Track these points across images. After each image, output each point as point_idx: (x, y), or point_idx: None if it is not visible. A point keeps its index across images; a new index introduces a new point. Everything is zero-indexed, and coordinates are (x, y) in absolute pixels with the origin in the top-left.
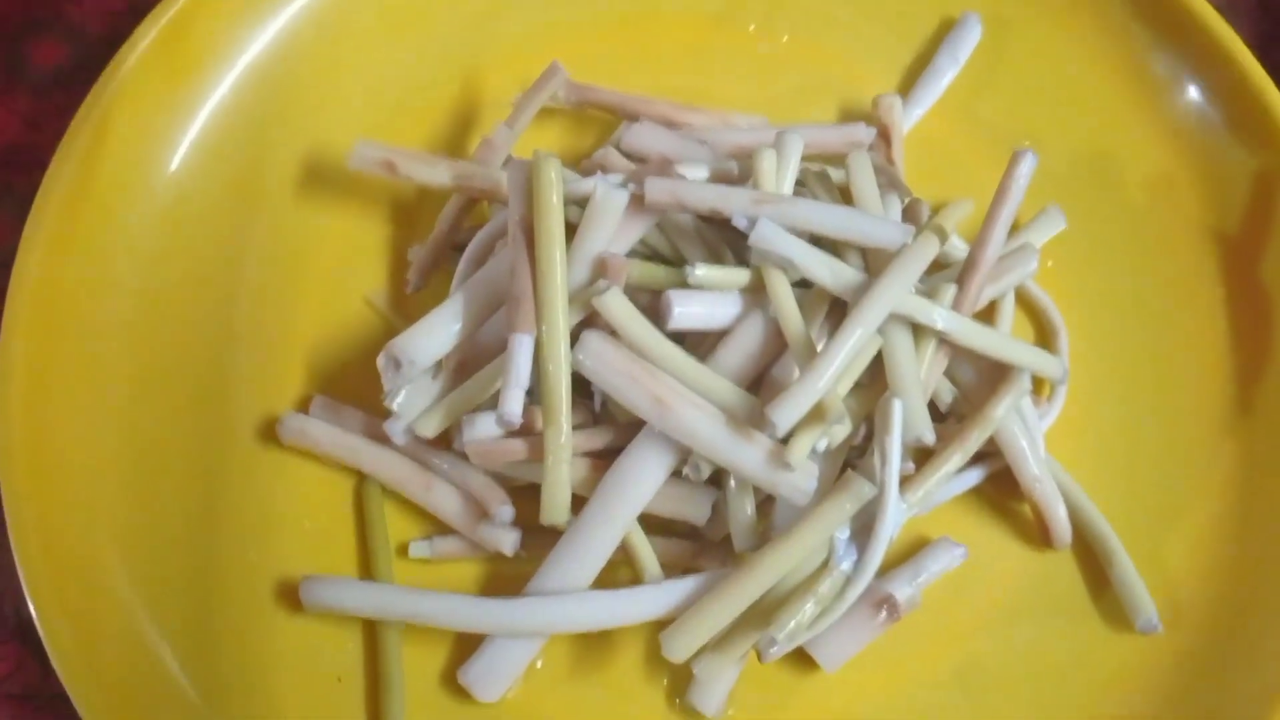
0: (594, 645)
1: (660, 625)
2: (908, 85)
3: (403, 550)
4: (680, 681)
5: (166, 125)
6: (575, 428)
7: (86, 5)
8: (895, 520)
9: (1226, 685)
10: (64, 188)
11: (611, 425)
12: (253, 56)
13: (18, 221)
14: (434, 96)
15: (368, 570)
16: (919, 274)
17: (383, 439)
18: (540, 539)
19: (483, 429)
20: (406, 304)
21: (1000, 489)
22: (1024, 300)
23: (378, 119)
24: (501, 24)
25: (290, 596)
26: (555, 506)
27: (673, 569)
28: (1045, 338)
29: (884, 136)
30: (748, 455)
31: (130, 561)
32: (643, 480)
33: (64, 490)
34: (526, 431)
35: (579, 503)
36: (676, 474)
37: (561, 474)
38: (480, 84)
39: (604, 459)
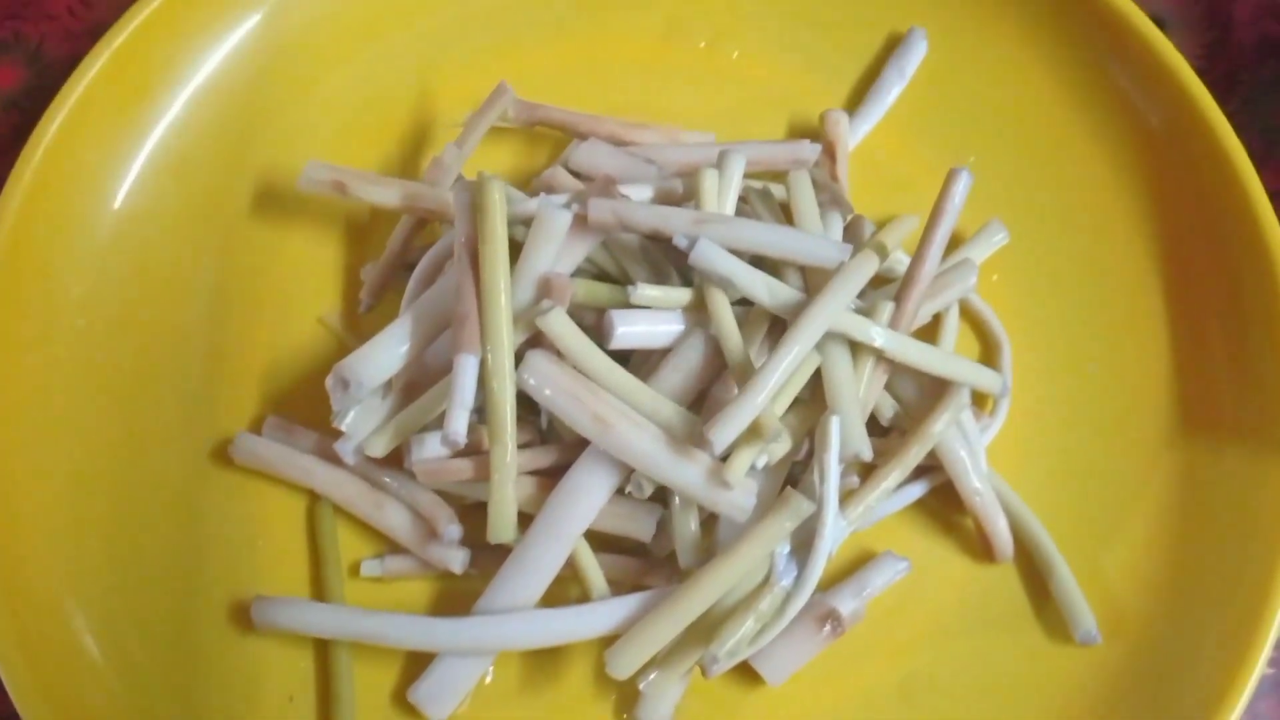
0: (543, 661)
1: (608, 641)
2: (856, 99)
3: (355, 569)
4: (628, 696)
5: (119, 147)
6: (521, 446)
7: (45, 27)
8: (835, 536)
9: (1165, 694)
10: (14, 212)
11: (557, 444)
12: (204, 78)
13: None
14: (385, 117)
15: (319, 590)
16: (856, 292)
17: (335, 459)
18: (489, 556)
19: (430, 449)
20: (360, 323)
21: (943, 503)
22: (968, 314)
23: (330, 140)
24: (453, 44)
25: (243, 616)
26: (502, 525)
27: (621, 585)
28: (989, 351)
29: (829, 153)
30: (688, 473)
31: (79, 582)
32: (588, 498)
33: (17, 511)
34: (474, 450)
35: (526, 520)
36: (621, 491)
37: (507, 492)
38: (431, 104)
39: (550, 477)
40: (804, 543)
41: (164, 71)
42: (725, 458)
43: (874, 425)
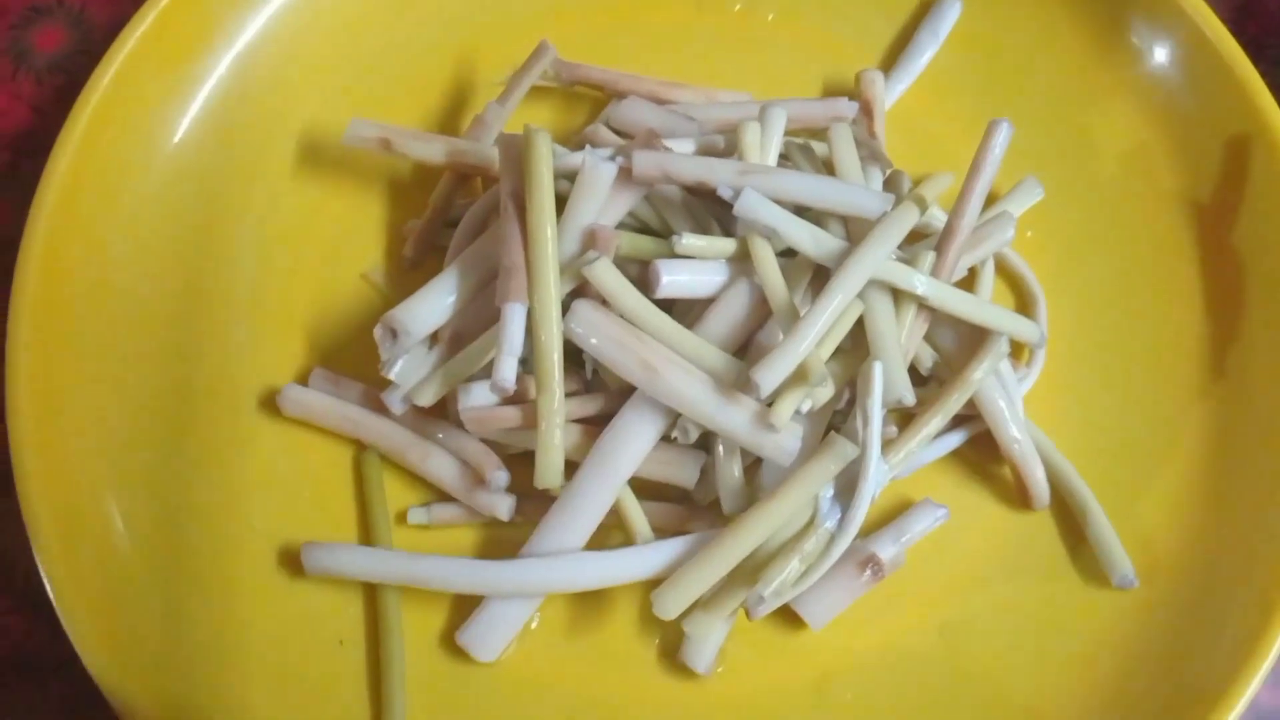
0: (588, 606)
1: (652, 585)
2: (890, 62)
3: (401, 517)
4: (672, 640)
5: (165, 106)
6: (567, 395)
7: None
8: (878, 480)
9: (1200, 637)
10: (66, 169)
11: (602, 392)
12: (250, 38)
13: (26, 203)
14: (428, 76)
15: (367, 536)
16: (898, 241)
17: (381, 409)
18: (534, 504)
19: (478, 397)
20: (402, 279)
21: (981, 452)
22: (1004, 269)
23: (373, 99)
24: (493, 5)
25: (293, 562)
26: (549, 470)
27: (664, 533)
28: (1025, 305)
29: (866, 111)
30: (734, 417)
31: (133, 529)
32: (633, 444)
33: (71, 461)
34: (520, 399)
35: (571, 468)
36: (666, 438)
37: (555, 439)
38: (473, 63)
39: (596, 425)
40: (847, 487)
41: (210, 31)
42: (770, 403)
43: (914, 375)
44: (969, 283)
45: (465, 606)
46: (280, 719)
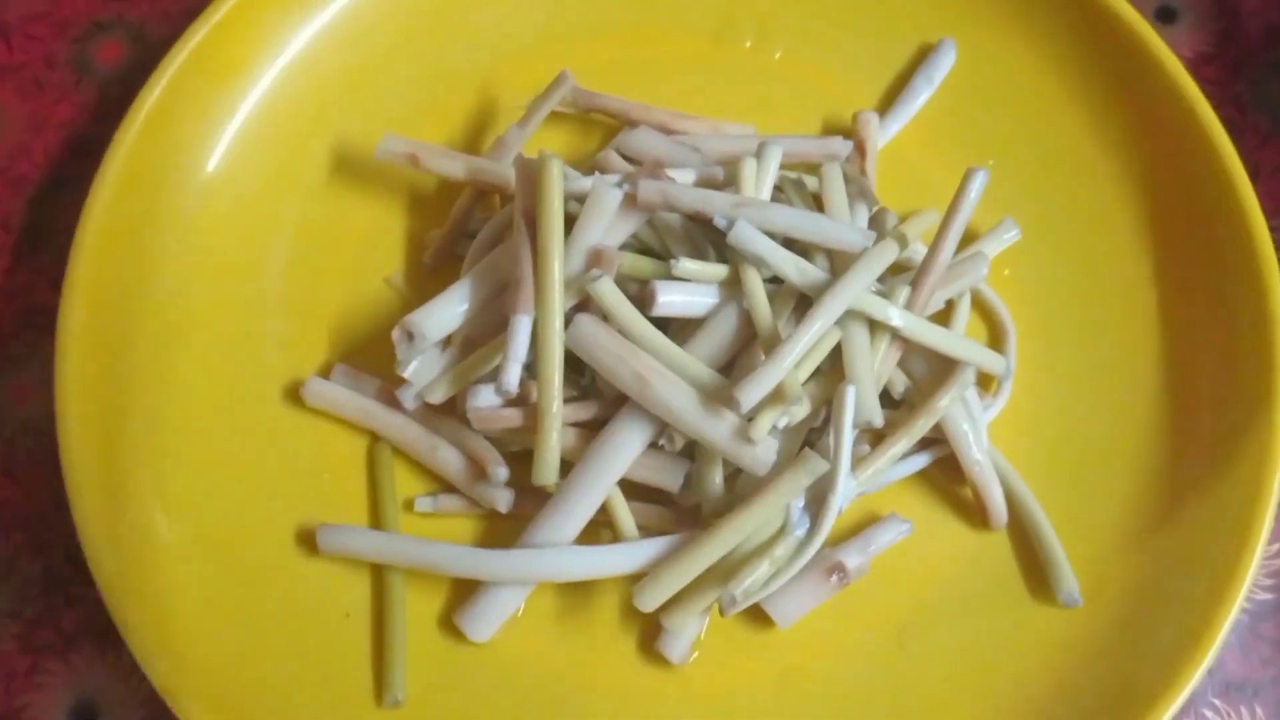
0: (576, 596)
1: (634, 580)
2: (886, 104)
3: (409, 505)
4: (651, 633)
5: (211, 117)
6: (566, 400)
7: (145, 8)
8: (846, 493)
9: (1138, 653)
10: (116, 174)
11: (598, 399)
12: (290, 58)
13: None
14: (453, 99)
15: (377, 521)
16: (877, 275)
17: (395, 405)
18: (531, 500)
19: (484, 398)
20: (421, 284)
21: (946, 473)
22: (980, 304)
23: (401, 118)
24: (516, 35)
25: (308, 541)
26: (546, 468)
27: (648, 532)
28: (997, 339)
29: (859, 150)
30: (716, 429)
31: (166, 502)
32: (624, 449)
33: (112, 438)
34: (523, 402)
35: (566, 468)
36: (655, 445)
37: (553, 439)
38: (496, 88)
39: (590, 429)
40: (817, 498)
41: (254, 51)
42: (750, 418)
43: (886, 399)
44: (946, 314)
45: (463, 590)
46: (291, 681)
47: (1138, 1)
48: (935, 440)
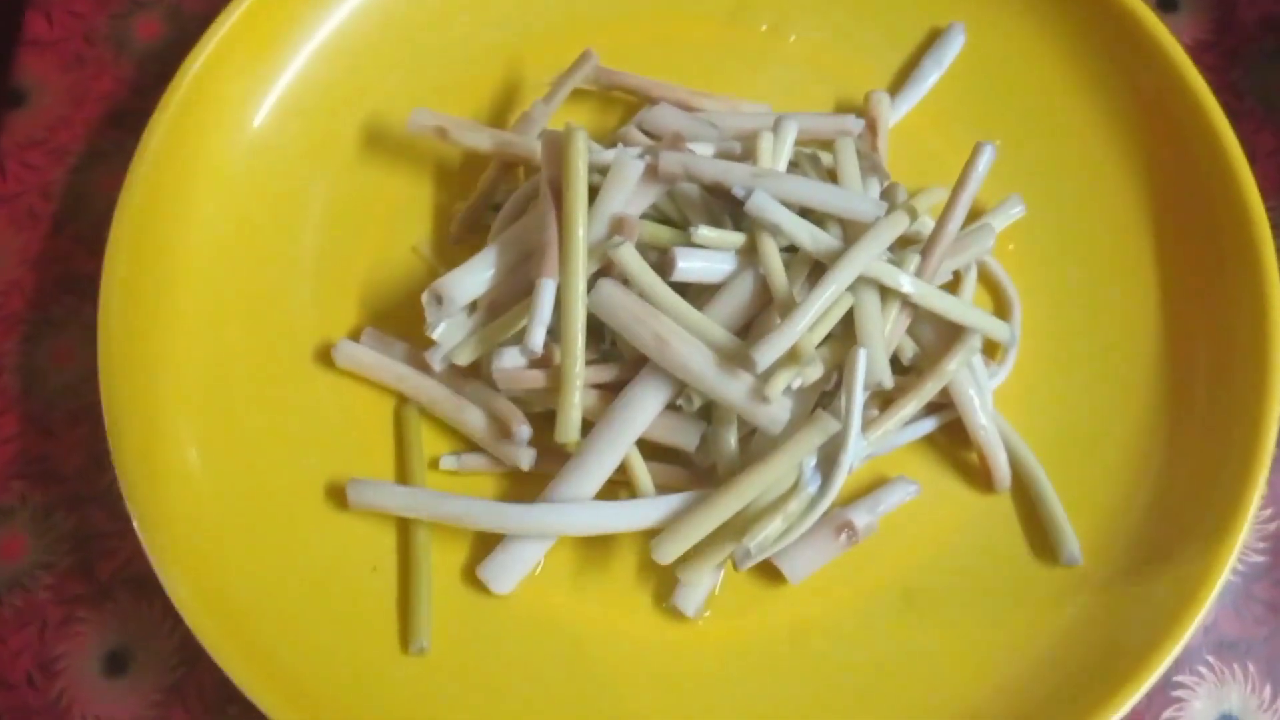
0: (594, 550)
1: (651, 536)
2: (897, 85)
3: (434, 463)
4: (666, 587)
5: (249, 91)
6: (588, 362)
7: None
8: (856, 453)
9: (1135, 610)
10: (159, 140)
11: (619, 361)
12: (325, 34)
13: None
14: (481, 76)
15: (404, 478)
16: (888, 243)
17: (422, 367)
18: (552, 459)
19: (509, 359)
20: (448, 253)
21: (952, 438)
22: (985, 276)
23: (431, 94)
24: (542, 15)
25: (337, 496)
26: (568, 427)
27: (665, 490)
28: (1002, 309)
29: (871, 128)
30: (732, 389)
31: (206, 458)
32: (643, 408)
33: (154, 396)
34: (546, 363)
35: (587, 427)
36: (673, 406)
37: (575, 399)
38: (522, 66)
39: (611, 390)
40: (828, 458)
41: (290, 28)
42: (765, 379)
43: (896, 366)
44: (953, 286)
45: (486, 544)
46: (320, 628)
47: None
48: (942, 405)
